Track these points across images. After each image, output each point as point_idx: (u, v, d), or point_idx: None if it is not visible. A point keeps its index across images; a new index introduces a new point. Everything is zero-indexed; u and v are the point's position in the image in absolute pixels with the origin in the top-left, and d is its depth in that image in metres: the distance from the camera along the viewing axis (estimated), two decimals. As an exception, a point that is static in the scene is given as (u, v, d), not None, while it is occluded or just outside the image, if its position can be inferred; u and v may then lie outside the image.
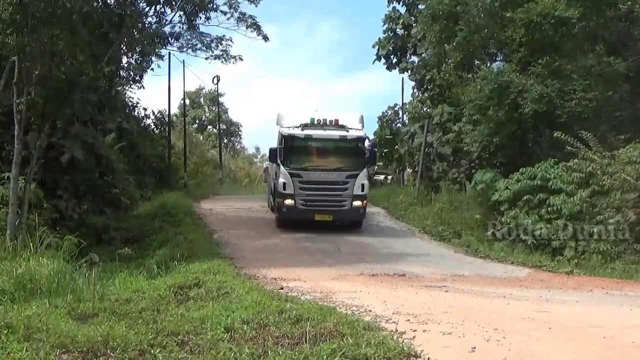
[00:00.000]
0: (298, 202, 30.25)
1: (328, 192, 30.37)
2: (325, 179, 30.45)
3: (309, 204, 30.24)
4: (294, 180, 30.27)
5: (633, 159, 25.14)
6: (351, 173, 30.59)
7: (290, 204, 30.32)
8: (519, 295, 17.09)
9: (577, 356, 10.13)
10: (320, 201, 30.33)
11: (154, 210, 33.53)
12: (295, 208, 30.29)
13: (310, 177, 30.38)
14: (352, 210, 30.63)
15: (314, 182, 30.31)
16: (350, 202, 30.48)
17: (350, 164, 30.88)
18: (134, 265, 21.33)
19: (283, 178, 30.47)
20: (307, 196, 30.27)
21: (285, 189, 30.33)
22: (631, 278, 21.57)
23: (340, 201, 30.49)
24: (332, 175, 30.52)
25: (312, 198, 30.24)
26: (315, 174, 30.42)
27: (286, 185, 30.34)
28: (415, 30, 46.80)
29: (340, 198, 30.46)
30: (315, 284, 18.26)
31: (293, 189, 30.22)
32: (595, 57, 31.67)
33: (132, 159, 40.15)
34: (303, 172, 30.42)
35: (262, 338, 10.58)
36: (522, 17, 30.98)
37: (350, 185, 30.46)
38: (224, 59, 42.80)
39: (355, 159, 30.99)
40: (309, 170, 30.51)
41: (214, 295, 15.04)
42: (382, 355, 9.36)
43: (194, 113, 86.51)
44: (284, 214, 30.76)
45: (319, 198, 30.28)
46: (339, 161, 31.17)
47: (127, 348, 10.17)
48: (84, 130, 29.32)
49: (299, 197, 30.24)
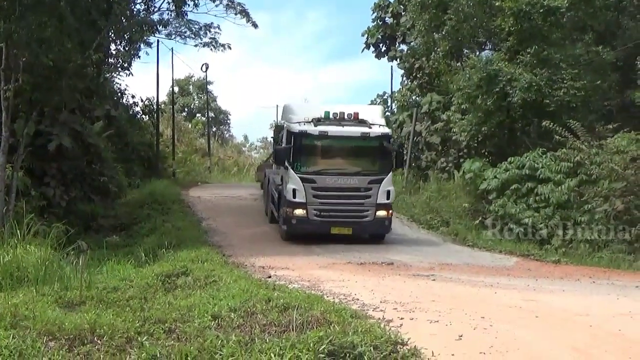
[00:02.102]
0: (311, 212, 25.54)
1: (347, 201, 25.72)
2: (343, 185, 25.78)
3: (324, 214, 25.59)
4: (306, 187, 25.49)
5: (621, 148, 25.24)
6: (375, 178, 25.89)
7: (302, 214, 25.57)
8: (506, 284, 17.16)
9: (563, 344, 10.17)
10: (338, 211, 25.70)
11: (142, 198, 33.50)
12: (308, 219, 25.54)
13: (325, 182, 25.66)
14: (375, 222, 25.88)
15: (330, 188, 25.61)
16: (374, 212, 25.72)
17: (373, 167, 26.41)
18: (121, 253, 21.35)
19: (293, 184, 25.57)
20: (321, 205, 25.59)
21: (296, 196, 25.51)
22: (618, 267, 21.66)
23: (362, 211, 25.73)
24: (352, 181, 25.83)
25: (327, 208, 25.62)
26: (332, 179, 25.71)
27: (296, 192, 25.52)
28: (405, 18, 46.70)
29: (361, 208, 25.72)
30: (303, 272, 18.32)
31: (305, 196, 25.47)
32: (584, 46, 31.67)
33: (120, 146, 40.07)
34: (317, 177, 25.70)
35: (249, 326, 10.60)
36: (511, 6, 30.95)
37: (374, 192, 25.72)
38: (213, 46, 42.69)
39: (380, 160, 26.37)
40: (324, 175, 25.77)
41: (201, 284, 15.08)
42: (369, 343, 9.38)
43: (182, 101, 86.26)
44: (293, 226, 25.79)
45: (336, 208, 25.66)
46: (361, 163, 26.77)
47: (114, 335, 10.18)
48: (72, 118, 29.24)
49: (312, 207, 25.53)
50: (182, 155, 58.28)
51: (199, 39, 41.66)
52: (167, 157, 52.45)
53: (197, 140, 70.15)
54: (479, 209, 29.29)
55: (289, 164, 25.86)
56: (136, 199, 33.60)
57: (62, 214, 25.48)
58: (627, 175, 23.89)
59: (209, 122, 76.60)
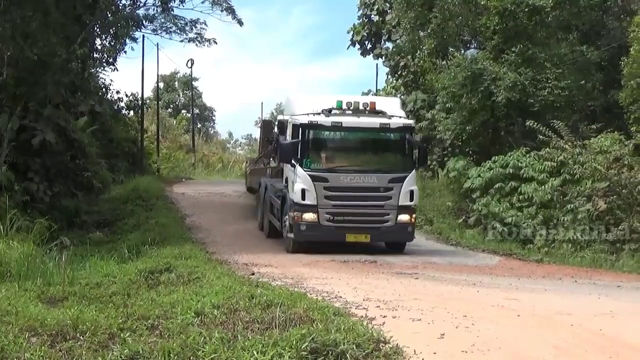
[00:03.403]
0: (323, 216, 22.35)
1: (365, 203, 22.70)
2: (360, 184, 22.68)
3: (338, 219, 22.42)
4: (317, 186, 22.30)
5: (604, 148, 25.44)
6: (396, 176, 22.77)
7: (312, 219, 22.34)
8: (489, 282, 17.23)
9: (544, 343, 10.23)
10: (354, 215, 22.55)
11: (126, 194, 33.41)
12: (319, 225, 22.33)
13: (339, 181, 22.55)
14: (397, 227, 22.69)
15: (345, 188, 22.54)
16: (395, 216, 22.62)
17: (394, 164, 23.47)
18: (105, 249, 21.29)
19: (301, 183, 22.35)
20: (335, 208, 22.44)
21: (305, 198, 22.29)
22: (600, 267, 21.77)
23: (382, 215, 22.68)
24: (371, 179, 22.77)
25: (342, 211, 22.48)
26: (347, 177, 22.69)
27: (306, 193, 22.28)
28: (390, 16, 46.77)
29: (381, 211, 22.68)
30: (286, 269, 18.35)
31: (316, 198, 22.28)
32: (568, 46, 31.84)
33: (105, 142, 39.90)
34: (330, 175, 22.58)
35: (232, 323, 10.60)
36: (496, 5, 31.03)
37: (395, 192, 22.61)
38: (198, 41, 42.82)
39: (402, 156, 23.45)
40: (338, 172, 22.75)
41: (185, 280, 15.07)
42: (352, 340, 9.40)
43: (167, 97, 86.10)
44: (302, 233, 22.47)
45: (352, 211, 22.57)
46: (380, 159, 24.11)
47: (96, 331, 10.17)
48: (56, 113, 29.07)
49: (325, 210, 22.35)
50: (167, 152, 58.22)
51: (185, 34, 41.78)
52: (151, 153, 52.36)
53: (182, 136, 70.07)
54: (462, 208, 29.40)
55: (296, 161, 22.56)
56: (120, 194, 33.51)
57: (46, 210, 25.37)
58: (610, 175, 24.00)
59: (193, 119, 76.53)
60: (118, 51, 41.84)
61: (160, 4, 39.73)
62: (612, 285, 17.76)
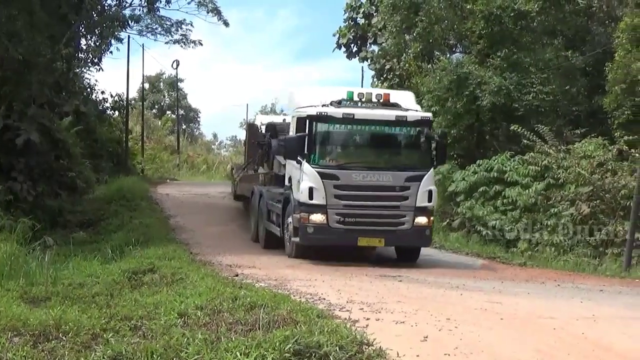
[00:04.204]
0: (332, 218, 20.43)
1: (379, 203, 20.79)
2: (374, 183, 20.71)
3: (350, 220, 20.54)
4: (326, 185, 20.38)
5: (588, 153, 25.59)
6: (413, 174, 20.89)
7: (320, 221, 20.45)
8: (472, 286, 17.24)
9: (527, 346, 10.26)
10: (367, 216, 20.67)
11: (110, 194, 33.28)
12: (328, 228, 20.44)
13: (351, 179, 20.63)
14: (413, 231, 20.80)
15: (357, 186, 20.63)
16: (412, 218, 20.72)
17: (411, 160, 21.75)
18: (88, 250, 21.22)
19: (309, 181, 20.46)
20: (346, 209, 20.55)
21: (313, 197, 20.37)
22: (583, 271, 21.82)
23: (397, 217, 20.81)
24: (386, 177, 20.83)
25: (354, 212, 20.61)
26: (360, 175, 20.74)
27: (314, 191, 20.35)
28: (376, 19, 46.87)
29: (397, 212, 20.82)
30: (270, 271, 18.27)
31: (325, 197, 20.37)
32: (553, 51, 32.04)
33: (89, 142, 39.78)
34: (340, 172, 20.66)
35: (215, 324, 10.59)
36: (482, 10, 31.20)
37: (412, 192, 20.72)
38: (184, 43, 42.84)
39: (419, 152, 21.73)
40: (349, 169, 20.81)
41: (168, 281, 15.05)
42: (335, 343, 9.40)
43: (153, 98, 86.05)
44: (309, 237, 20.60)
45: (364, 212, 20.67)
46: (396, 155, 22.28)
47: (79, 332, 10.14)
48: (41, 113, 28.97)
49: (334, 211, 20.44)
50: (151, 152, 58.22)
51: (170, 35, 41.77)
52: (136, 154, 52.36)
53: (167, 137, 70.06)
54: (446, 211, 29.41)
55: (303, 157, 20.66)
56: (104, 195, 33.38)
57: (29, 209, 25.25)
58: (594, 180, 24.12)
59: (178, 120, 76.54)
60: (103, 51, 41.77)
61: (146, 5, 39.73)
62: (594, 289, 17.81)
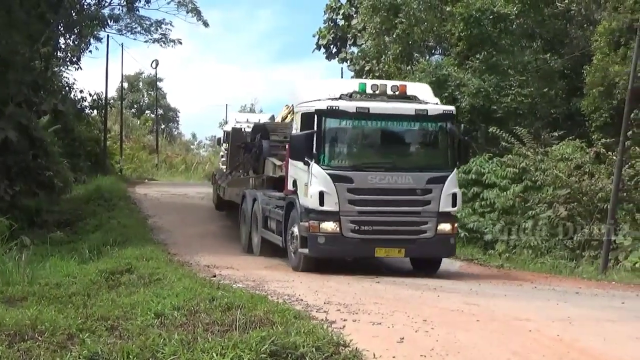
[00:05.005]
0: (346, 226, 18.28)
1: (398, 208, 18.76)
2: (393, 186, 18.65)
3: (366, 229, 18.41)
4: (338, 188, 18.20)
5: (565, 155, 25.69)
6: (436, 175, 18.91)
7: (332, 230, 18.31)
8: (449, 287, 17.25)
9: (502, 348, 10.29)
10: (385, 224, 18.59)
11: (88, 194, 33.21)
12: (341, 237, 18.32)
13: (367, 181, 18.46)
14: (437, 239, 18.84)
15: (374, 190, 18.51)
16: (435, 225, 18.73)
17: (433, 160, 19.79)
18: (66, 249, 21.21)
19: (319, 184, 18.28)
20: (361, 215, 18.43)
21: (324, 203, 18.18)
22: (560, 273, 21.91)
23: (419, 223, 18.75)
24: (405, 179, 18.73)
25: (370, 219, 18.49)
26: (376, 177, 18.57)
27: (325, 196, 18.16)
28: (356, 21, 47.00)
29: (418, 218, 18.76)
30: (248, 272, 18.25)
31: (337, 202, 18.20)
32: (532, 54, 32.18)
33: (67, 141, 39.65)
34: (355, 174, 18.44)
35: (192, 325, 10.56)
36: (461, 12, 31.27)
37: (435, 195, 18.71)
38: (163, 42, 42.83)
39: (442, 150, 19.69)
40: (365, 171, 18.62)
41: (145, 282, 15.01)
42: (311, 344, 9.39)
43: (132, 97, 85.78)
44: (320, 248, 18.45)
45: (382, 219, 18.57)
46: (416, 155, 20.36)
47: (55, 332, 10.08)
48: (19, 112, 28.86)
49: (348, 218, 18.30)
50: (130, 152, 58.17)
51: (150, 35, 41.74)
52: (114, 154, 52.28)
53: (145, 137, 69.93)
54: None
55: (311, 157, 18.51)
56: (82, 194, 33.29)
57: (6, 208, 25.16)
58: (571, 182, 24.22)
59: (157, 119, 76.33)
60: (82, 50, 41.71)
61: (125, 4, 39.71)
62: (570, 291, 17.85)
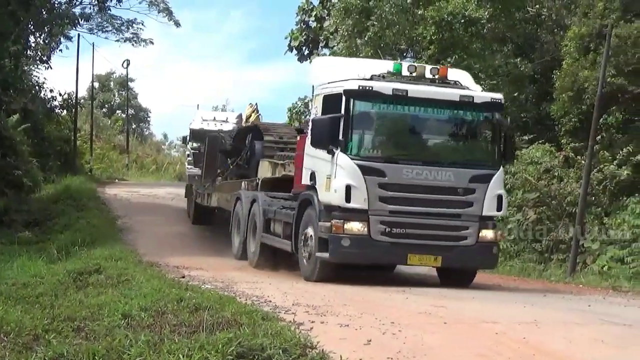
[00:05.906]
0: (375, 227, 16.05)
1: (436, 209, 16.51)
2: (431, 182, 16.26)
3: (398, 232, 16.24)
4: (368, 183, 15.84)
5: (535, 159, 25.87)
6: (480, 173, 16.59)
7: (359, 231, 16.01)
8: (418, 289, 17.27)
9: (468, 350, 10.34)
10: (420, 227, 16.37)
11: (57, 193, 32.96)
12: (369, 240, 16.11)
13: (401, 176, 16.15)
14: (478, 248, 16.68)
15: (408, 186, 16.22)
16: (477, 230, 16.56)
17: (477, 155, 17.58)
18: (34, 249, 21.02)
19: (345, 177, 15.81)
20: (393, 215, 16.23)
21: (350, 199, 15.80)
22: (528, 276, 22.10)
23: (459, 228, 16.62)
24: (446, 175, 16.32)
25: (403, 220, 16.28)
26: (413, 171, 16.18)
27: (352, 191, 15.75)
28: (328, 23, 46.84)
29: (457, 222, 16.64)
30: (217, 273, 18.24)
31: (367, 200, 15.88)
32: (503, 58, 32.37)
33: (37, 141, 39.45)
34: (388, 167, 16.10)
35: (159, 326, 10.52)
36: (433, 16, 31.35)
37: (478, 196, 16.43)
38: (135, 42, 42.72)
39: (488, 145, 17.51)
40: (400, 164, 16.27)
41: (114, 282, 14.91)
42: (278, 345, 9.38)
43: (102, 97, 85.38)
44: (343, 252, 16.16)
45: (417, 221, 16.34)
46: (458, 148, 17.88)
47: (21, 333, 10.02)
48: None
49: (378, 218, 16.10)
50: (100, 152, 57.93)
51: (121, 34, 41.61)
52: (84, 153, 52.02)
53: (116, 137, 69.70)
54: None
55: (336, 145, 16.00)
56: (51, 194, 33.04)
57: (-26, 208, 25.06)
58: (540, 186, 24.41)
59: (128, 119, 76.06)
60: (52, 49, 41.53)
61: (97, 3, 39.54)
62: (538, 294, 18.00)
